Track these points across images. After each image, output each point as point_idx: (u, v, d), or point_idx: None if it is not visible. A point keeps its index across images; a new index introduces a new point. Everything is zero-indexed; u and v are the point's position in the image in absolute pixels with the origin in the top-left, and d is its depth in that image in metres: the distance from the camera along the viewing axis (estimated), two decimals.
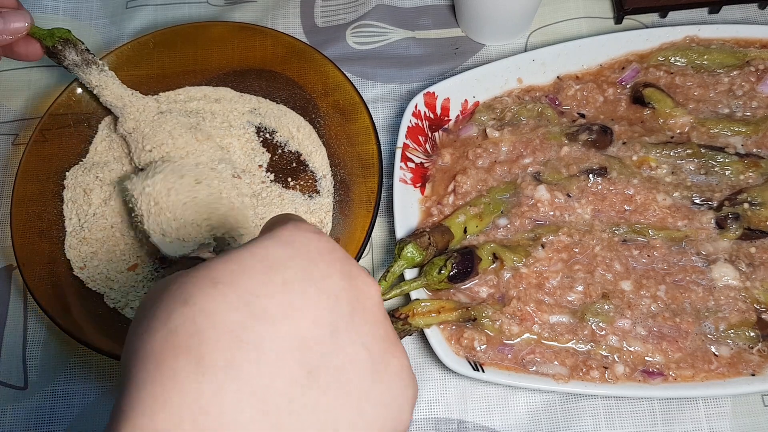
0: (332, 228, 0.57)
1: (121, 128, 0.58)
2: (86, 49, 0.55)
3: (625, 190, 0.53)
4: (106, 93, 0.56)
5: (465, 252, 0.50)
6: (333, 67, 0.59)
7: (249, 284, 0.26)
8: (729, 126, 0.55)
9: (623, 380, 0.47)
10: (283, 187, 0.59)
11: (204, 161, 0.56)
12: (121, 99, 0.57)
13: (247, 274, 0.26)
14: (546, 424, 0.50)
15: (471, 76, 0.59)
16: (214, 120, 0.61)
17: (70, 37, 0.54)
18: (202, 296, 0.25)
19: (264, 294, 0.25)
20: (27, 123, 0.65)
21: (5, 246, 0.60)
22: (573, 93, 0.58)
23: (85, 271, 0.55)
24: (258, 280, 0.26)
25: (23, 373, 0.55)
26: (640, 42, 0.60)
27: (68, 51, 0.54)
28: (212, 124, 0.60)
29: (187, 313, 0.24)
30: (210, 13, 0.70)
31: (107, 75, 0.56)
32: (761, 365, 0.47)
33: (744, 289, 0.49)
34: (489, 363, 0.48)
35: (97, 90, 0.56)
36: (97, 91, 0.56)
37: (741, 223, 0.51)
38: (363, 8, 0.69)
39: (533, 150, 0.56)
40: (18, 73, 0.68)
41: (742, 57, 0.58)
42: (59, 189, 0.58)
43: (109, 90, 0.56)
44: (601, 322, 0.48)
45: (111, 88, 0.56)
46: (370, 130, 0.56)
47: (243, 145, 0.60)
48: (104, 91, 0.56)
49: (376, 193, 0.53)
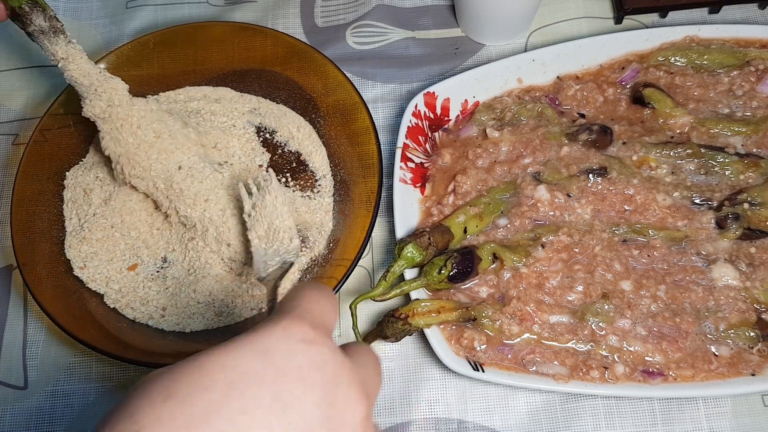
0: (332, 228, 0.57)
1: (89, 111, 0.53)
2: (54, 16, 0.50)
3: (625, 190, 0.53)
4: (71, 68, 0.51)
5: (465, 252, 0.50)
6: (333, 67, 0.59)
7: (202, 404, 0.22)
8: (729, 126, 0.55)
9: (623, 380, 0.47)
10: (284, 185, 0.59)
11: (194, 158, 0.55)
12: (88, 76, 0.52)
13: (204, 390, 0.22)
14: (546, 424, 0.50)
15: (471, 76, 0.59)
16: (214, 120, 0.61)
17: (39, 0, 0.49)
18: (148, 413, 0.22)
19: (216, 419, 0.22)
20: (27, 123, 0.65)
21: (5, 246, 0.60)
22: (573, 93, 0.59)
23: (85, 271, 0.55)
24: (214, 400, 0.22)
25: (23, 373, 0.55)
26: (640, 42, 0.60)
27: (36, 15, 0.49)
28: (212, 123, 0.60)
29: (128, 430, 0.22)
30: (210, 13, 0.70)
31: (75, 48, 0.51)
32: (761, 365, 0.47)
33: (744, 289, 0.49)
34: (489, 363, 0.48)
35: (62, 63, 0.51)
36: (62, 64, 0.51)
37: (741, 223, 0.51)
38: (363, 8, 0.69)
39: (533, 150, 0.56)
40: (18, 73, 0.68)
41: (742, 57, 0.58)
42: (59, 189, 0.58)
43: (76, 64, 0.51)
44: (601, 322, 0.48)
45: (78, 63, 0.51)
46: (370, 130, 0.56)
47: (243, 145, 0.60)
48: (70, 65, 0.51)
49: (376, 193, 0.53)
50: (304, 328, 0.25)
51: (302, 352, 0.24)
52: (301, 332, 0.25)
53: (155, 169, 0.54)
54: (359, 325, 0.51)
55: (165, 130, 0.54)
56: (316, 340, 0.25)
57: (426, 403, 0.52)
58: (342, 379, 0.25)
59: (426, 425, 0.51)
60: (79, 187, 0.58)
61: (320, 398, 0.24)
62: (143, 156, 0.53)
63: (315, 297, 0.28)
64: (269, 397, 0.23)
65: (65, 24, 0.51)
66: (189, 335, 0.53)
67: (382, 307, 0.55)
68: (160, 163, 0.53)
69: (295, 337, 0.25)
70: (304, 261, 0.55)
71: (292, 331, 0.25)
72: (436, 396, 0.52)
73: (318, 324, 0.26)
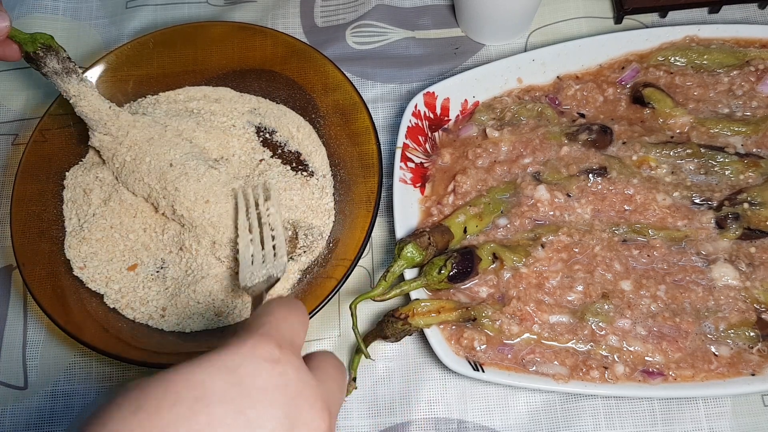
0: (332, 228, 0.57)
1: (96, 143, 0.56)
2: (68, 57, 0.53)
3: (625, 190, 0.53)
4: (82, 104, 0.54)
5: (465, 252, 0.50)
6: (333, 67, 0.59)
7: (170, 418, 0.23)
8: (729, 126, 0.55)
9: (623, 380, 0.47)
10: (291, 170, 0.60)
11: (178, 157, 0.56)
12: (98, 112, 0.55)
13: (172, 404, 0.24)
14: (546, 424, 0.50)
15: (471, 76, 0.59)
16: (214, 120, 0.61)
17: (52, 43, 0.52)
18: (118, 424, 0.23)
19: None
20: (27, 123, 0.65)
21: (5, 246, 0.60)
22: (573, 93, 0.58)
23: (85, 271, 0.55)
24: (181, 415, 0.23)
25: (23, 373, 0.55)
26: (640, 42, 0.60)
27: (49, 58, 0.52)
28: (212, 123, 0.60)
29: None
30: (210, 13, 0.70)
31: (86, 85, 0.54)
32: (761, 365, 0.47)
33: (744, 289, 0.49)
34: (489, 363, 0.48)
35: (74, 100, 0.54)
36: (74, 101, 0.54)
37: (741, 222, 0.51)
38: (363, 8, 0.69)
39: (533, 150, 0.56)
40: (18, 73, 0.68)
41: (742, 57, 0.58)
42: (59, 189, 0.58)
43: (87, 101, 0.54)
44: (601, 322, 0.48)
45: (89, 99, 0.54)
46: (370, 130, 0.56)
47: (243, 144, 0.60)
48: (81, 102, 0.54)
49: (376, 193, 0.53)
50: (269, 347, 0.26)
51: (267, 371, 0.26)
52: (267, 351, 0.26)
53: (149, 169, 0.55)
54: (359, 325, 0.51)
55: (156, 134, 0.56)
56: (281, 359, 0.26)
57: (426, 403, 0.52)
58: (304, 399, 0.26)
59: (426, 425, 0.51)
60: (78, 187, 0.58)
61: (283, 416, 0.25)
62: (140, 163, 0.55)
63: (284, 314, 0.29)
64: (233, 414, 0.24)
65: (65, 24, 0.51)
66: (189, 335, 0.53)
67: (382, 307, 0.55)
68: (152, 163, 0.55)
69: (261, 356, 0.26)
70: (304, 261, 0.55)
71: (259, 350, 0.26)
72: (436, 396, 0.52)
73: (284, 343, 0.27)
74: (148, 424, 0.23)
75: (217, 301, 0.53)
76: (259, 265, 0.51)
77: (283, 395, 0.25)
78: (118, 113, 0.56)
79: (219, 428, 0.24)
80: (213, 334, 0.52)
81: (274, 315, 0.29)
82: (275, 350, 0.26)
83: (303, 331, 0.30)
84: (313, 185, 0.58)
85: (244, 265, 0.51)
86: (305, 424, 0.26)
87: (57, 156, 0.58)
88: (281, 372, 0.26)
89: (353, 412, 0.52)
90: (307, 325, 0.31)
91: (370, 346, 0.50)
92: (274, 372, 0.26)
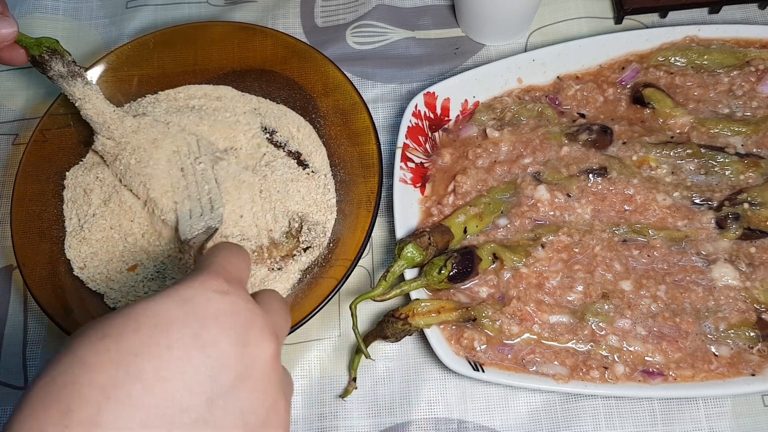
0: (332, 228, 0.57)
1: (99, 146, 0.57)
2: (73, 61, 0.54)
3: (625, 190, 0.53)
4: (87, 107, 0.55)
5: (465, 252, 0.50)
6: (333, 67, 0.59)
7: (133, 341, 0.26)
8: (729, 126, 0.55)
9: (623, 380, 0.47)
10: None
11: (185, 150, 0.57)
12: (102, 115, 0.56)
13: (134, 331, 0.26)
14: (546, 424, 0.50)
15: (471, 76, 0.59)
16: (218, 115, 0.61)
17: (57, 47, 0.53)
18: (86, 348, 0.25)
19: (144, 354, 0.25)
20: (27, 123, 0.65)
21: (5, 246, 0.60)
22: (573, 93, 0.59)
23: (85, 271, 0.55)
24: (142, 340, 0.26)
25: (23, 372, 0.55)
26: (640, 42, 0.60)
27: (55, 62, 0.53)
28: (216, 118, 0.60)
29: (68, 362, 0.25)
30: (210, 13, 0.70)
31: (91, 89, 0.55)
32: (761, 365, 0.47)
33: (744, 289, 0.49)
34: (489, 363, 0.48)
35: (79, 103, 0.55)
36: (79, 104, 0.55)
37: (741, 223, 0.51)
38: (363, 8, 0.69)
39: (533, 150, 0.56)
40: (18, 73, 0.68)
41: (742, 57, 0.58)
42: (59, 189, 0.58)
43: (92, 104, 0.55)
44: (601, 322, 0.48)
45: (93, 102, 0.55)
46: (370, 130, 0.56)
47: (249, 140, 0.60)
48: (86, 104, 0.55)
49: (376, 193, 0.53)
50: (219, 281, 0.29)
51: (218, 300, 0.28)
52: (216, 284, 0.29)
53: (153, 173, 0.55)
54: (359, 325, 0.51)
55: (159, 133, 0.57)
56: (230, 291, 0.29)
57: (426, 403, 0.52)
58: (254, 324, 0.29)
59: (426, 425, 0.51)
60: (79, 187, 0.58)
61: (235, 339, 0.28)
62: (145, 166, 0.56)
63: (228, 255, 0.32)
64: (190, 336, 0.26)
65: (65, 24, 0.51)
66: None
67: (382, 307, 0.55)
68: (157, 167, 0.55)
69: (212, 288, 0.29)
70: (304, 261, 0.55)
71: (209, 283, 0.29)
72: (436, 396, 0.52)
73: (232, 278, 0.30)
74: (114, 347, 0.25)
75: None
76: (198, 218, 0.52)
77: (235, 320, 0.28)
78: (122, 117, 0.56)
79: (177, 349, 0.26)
80: None
81: (220, 255, 0.32)
82: (224, 284, 0.29)
83: (247, 268, 0.34)
84: (317, 180, 0.58)
85: (183, 219, 0.53)
86: (256, 345, 0.28)
87: (57, 156, 0.58)
88: (231, 301, 0.29)
89: (353, 412, 0.52)
90: (249, 262, 0.34)
91: (370, 346, 0.50)
92: (225, 301, 0.28)
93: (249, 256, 0.35)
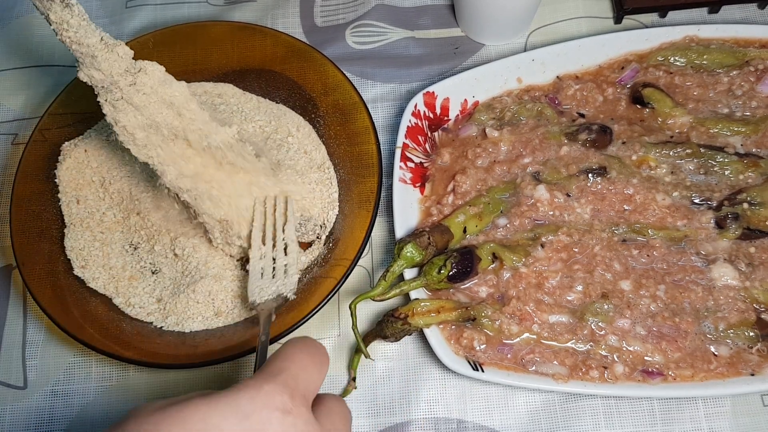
0: (332, 228, 0.57)
1: (83, 77, 0.46)
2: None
3: (625, 190, 0.53)
4: (67, 35, 0.45)
5: (464, 252, 0.50)
6: (333, 66, 0.59)
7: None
8: (728, 126, 0.55)
9: (623, 380, 0.47)
10: None
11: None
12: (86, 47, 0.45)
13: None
14: (546, 423, 0.50)
15: (470, 76, 0.59)
16: (221, 106, 0.61)
17: None
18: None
19: None
20: (27, 123, 0.65)
21: (5, 246, 0.60)
22: (572, 93, 0.59)
23: (85, 270, 0.55)
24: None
25: (22, 372, 0.55)
26: (639, 42, 0.60)
27: None
28: (218, 107, 0.60)
29: None
30: (210, 13, 0.70)
31: (72, 13, 0.44)
32: (761, 365, 0.47)
33: (743, 289, 0.49)
34: (488, 363, 0.48)
35: (56, 27, 0.44)
36: (56, 29, 0.44)
37: (740, 222, 0.51)
38: (363, 8, 0.69)
39: (533, 149, 0.56)
40: (18, 73, 0.68)
41: (742, 57, 0.58)
42: (58, 188, 0.58)
43: (73, 32, 0.45)
44: (601, 321, 0.48)
45: (76, 30, 0.45)
46: (370, 129, 0.56)
47: (256, 130, 0.61)
48: (65, 32, 0.45)
49: (375, 192, 0.53)
50: (284, 398, 0.28)
51: (278, 422, 0.27)
52: (281, 401, 0.27)
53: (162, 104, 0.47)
54: (359, 325, 0.51)
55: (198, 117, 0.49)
56: (293, 411, 0.28)
57: (425, 402, 0.52)
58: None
59: (426, 425, 0.51)
60: (73, 190, 0.58)
61: None
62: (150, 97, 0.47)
63: (304, 362, 0.30)
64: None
65: None
66: (188, 334, 0.53)
67: (381, 306, 0.55)
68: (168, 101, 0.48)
69: (275, 404, 0.27)
70: (304, 261, 0.55)
71: (273, 398, 0.27)
72: (435, 396, 0.52)
73: (298, 394, 0.29)
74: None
75: (217, 301, 0.53)
76: (269, 281, 0.49)
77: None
78: (113, 47, 0.46)
79: None
80: (212, 334, 0.52)
81: (293, 362, 0.30)
82: (288, 402, 0.28)
83: (320, 379, 0.32)
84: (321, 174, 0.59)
85: (253, 278, 0.49)
86: None
87: (57, 156, 0.58)
88: (291, 423, 0.27)
89: (353, 411, 0.52)
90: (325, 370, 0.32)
91: (369, 345, 0.50)
92: (285, 422, 0.27)
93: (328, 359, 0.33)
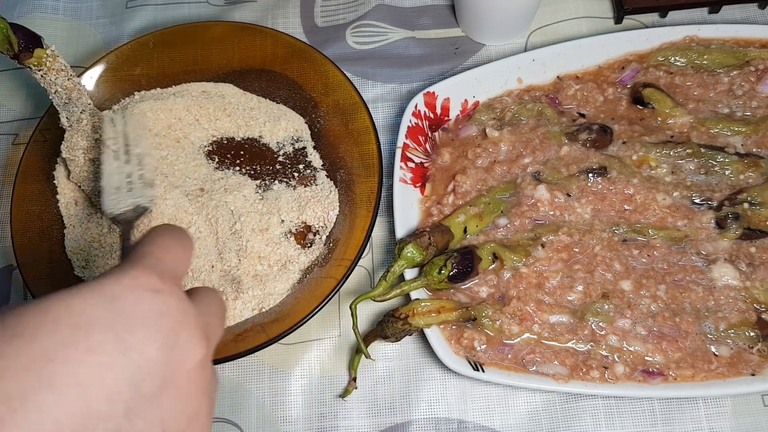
0: (332, 228, 0.57)
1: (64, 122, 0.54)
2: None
3: (625, 190, 0.53)
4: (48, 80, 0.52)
5: (465, 252, 0.50)
6: (333, 67, 0.59)
7: (48, 344, 0.23)
8: (729, 126, 0.55)
9: (623, 380, 0.47)
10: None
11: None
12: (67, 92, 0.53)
13: (51, 331, 0.23)
14: (546, 424, 0.50)
15: (471, 76, 0.59)
16: (225, 103, 0.61)
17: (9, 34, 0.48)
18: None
19: (60, 358, 0.23)
20: (27, 123, 0.65)
21: (5, 246, 0.60)
22: (573, 93, 0.58)
23: (85, 270, 0.55)
24: (59, 341, 0.23)
25: None
26: (640, 42, 0.60)
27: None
28: (219, 104, 0.61)
29: None
30: (210, 13, 0.70)
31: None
32: (761, 365, 0.47)
33: (744, 289, 0.49)
34: (489, 363, 0.48)
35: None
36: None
37: (741, 222, 0.51)
38: (363, 8, 0.69)
39: (533, 149, 0.56)
40: (18, 73, 0.68)
41: (742, 57, 0.58)
42: (57, 190, 0.58)
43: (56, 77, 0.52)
44: (601, 321, 0.48)
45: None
46: (370, 129, 0.56)
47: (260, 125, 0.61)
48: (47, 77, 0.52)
49: (376, 192, 0.53)
50: (152, 278, 0.27)
51: (149, 300, 0.26)
52: (149, 282, 0.26)
53: None
54: (359, 325, 0.51)
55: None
56: (163, 289, 0.27)
57: (426, 403, 0.52)
58: (185, 326, 0.27)
59: (426, 425, 0.51)
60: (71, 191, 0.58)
61: (162, 343, 0.26)
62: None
63: (167, 244, 0.30)
64: (113, 340, 0.24)
65: (65, 24, 0.51)
66: None
67: (382, 307, 0.55)
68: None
69: (143, 286, 0.26)
70: (304, 261, 0.55)
71: (141, 280, 0.26)
72: (436, 396, 0.52)
73: (167, 274, 0.28)
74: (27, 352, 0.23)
75: None
76: (126, 193, 0.48)
77: (163, 322, 0.26)
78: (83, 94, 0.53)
79: (98, 354, 0.24)
80: None
81: (157, 245, 0.29)
82: (157, 281, 0.27)
83: (187, 259, 0.31)
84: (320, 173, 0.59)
85: (108, 188, 0.48)
86: (184, 349, 0.27)
87: (57, 156, 0.58)
88: (163, 301, 0.26)
89: (353, 412, 0.52)
90: (191, 251, 0.31)
91: (370, 346, 0.50)
92: (156, 301, 0.26)
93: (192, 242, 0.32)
